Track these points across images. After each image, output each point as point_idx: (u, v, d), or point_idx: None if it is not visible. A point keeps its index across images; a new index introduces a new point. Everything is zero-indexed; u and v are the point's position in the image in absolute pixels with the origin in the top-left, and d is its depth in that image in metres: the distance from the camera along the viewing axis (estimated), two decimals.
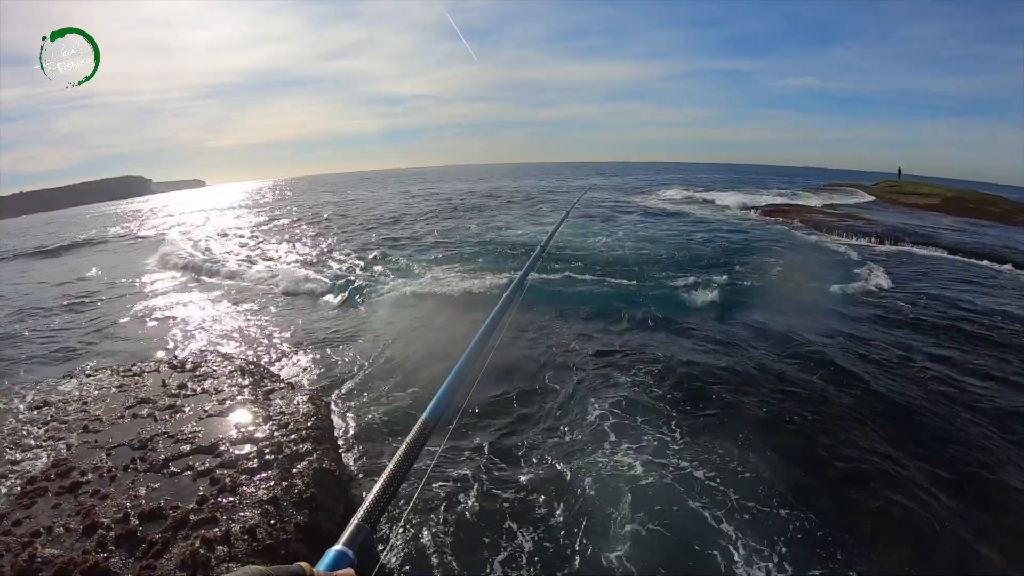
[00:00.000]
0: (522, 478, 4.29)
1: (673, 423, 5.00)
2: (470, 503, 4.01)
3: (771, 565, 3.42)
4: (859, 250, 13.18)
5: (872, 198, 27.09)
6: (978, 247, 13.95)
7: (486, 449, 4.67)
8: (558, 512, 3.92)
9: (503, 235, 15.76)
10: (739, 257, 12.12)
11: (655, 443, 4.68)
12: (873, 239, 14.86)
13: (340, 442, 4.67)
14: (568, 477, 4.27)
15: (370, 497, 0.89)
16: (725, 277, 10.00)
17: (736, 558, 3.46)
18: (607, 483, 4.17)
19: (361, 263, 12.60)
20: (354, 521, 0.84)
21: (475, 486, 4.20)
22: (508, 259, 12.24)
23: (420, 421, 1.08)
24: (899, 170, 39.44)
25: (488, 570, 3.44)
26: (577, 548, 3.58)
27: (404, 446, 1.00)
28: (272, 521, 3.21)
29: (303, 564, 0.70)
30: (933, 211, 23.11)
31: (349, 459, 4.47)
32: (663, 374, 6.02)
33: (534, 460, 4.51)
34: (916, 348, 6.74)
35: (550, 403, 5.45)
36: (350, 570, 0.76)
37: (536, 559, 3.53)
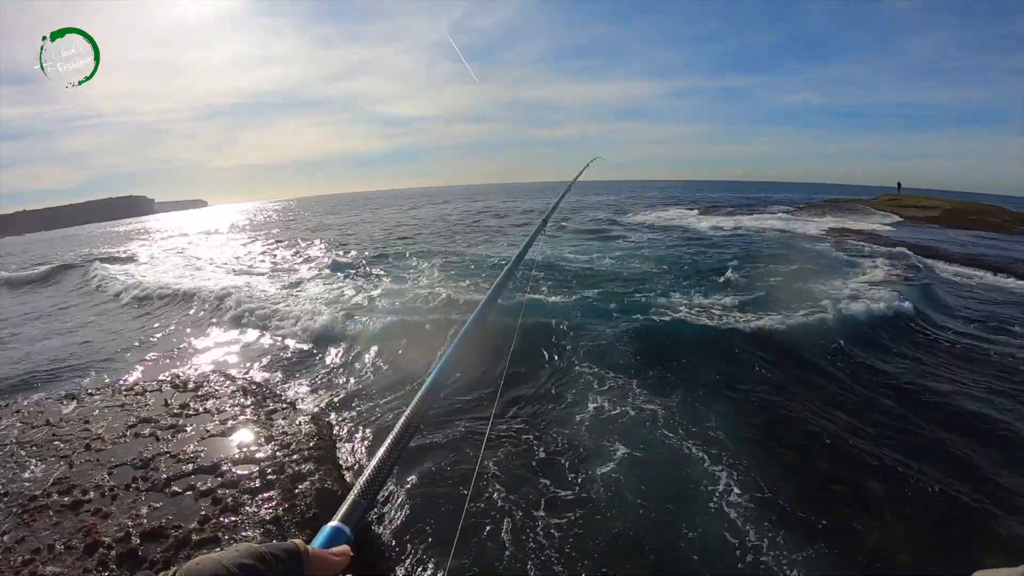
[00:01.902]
0: (520, 440, 4.48)
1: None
2: (467, 474, 4.06)
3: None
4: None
5: (899, 218, 24.96)
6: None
7: (483, 420, 4.80)
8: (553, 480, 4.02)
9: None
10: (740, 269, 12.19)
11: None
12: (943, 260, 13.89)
13: (343, 462, 4.66)
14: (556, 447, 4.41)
15: (367, 471, 0.84)
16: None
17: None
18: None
19: (362, 282, 12.68)
20: (350, 496, 0.80)
21: (472, 456, 4.28)
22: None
23: (420, 393, 1.02)
24: (899, 184, 40.22)
25: (482, 538, 3.46)
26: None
27: (403, 419, 0.95)
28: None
29: (297, 541, 0.70)
30: (934, 223, 22.94)
31: (352, 479, 4.46)
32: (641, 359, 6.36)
33: (528, 427, 4.71)
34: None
35: (544, 378, 5.76)
36: (345, 547, 0.73)
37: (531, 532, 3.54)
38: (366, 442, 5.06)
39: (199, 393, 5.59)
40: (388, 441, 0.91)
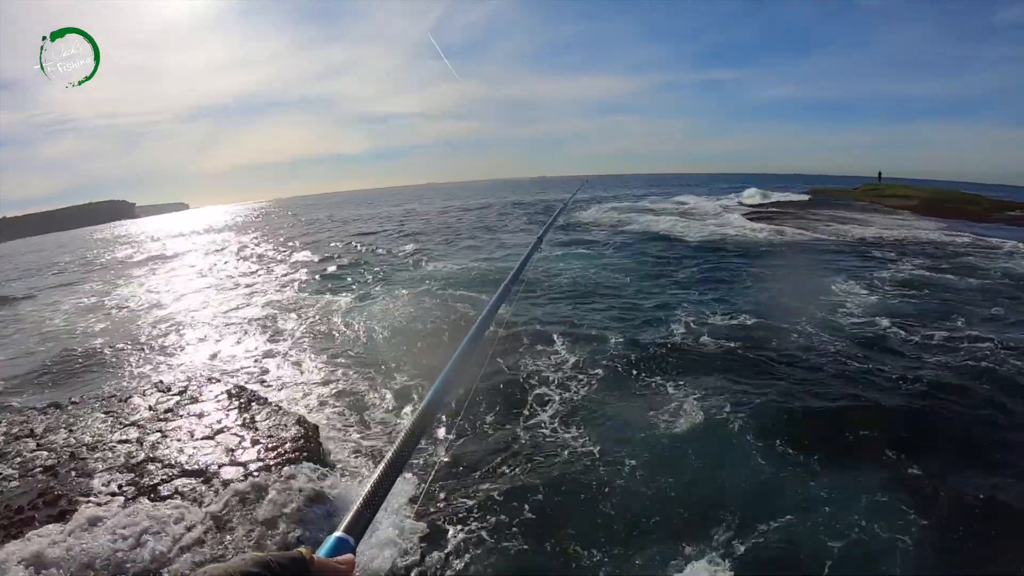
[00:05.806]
0: (527, 454, 4.55)
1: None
2: (471, 490, 4.11)
3: None
4: None
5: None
6: None
7: (485, 435, 4.84)
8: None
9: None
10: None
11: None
12: None
13: (330, 464, 4.68)
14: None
15: (371, 483, 0.86)
16: None
17: None
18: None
19: (350, 278, 12.61)
20: (355, 507, 0.82)
21: (476, 471, 4.34)
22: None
23: (422, 406, 1.05)
24: (879, 173, 40.18)
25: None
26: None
27: (405, 432, 0.97)
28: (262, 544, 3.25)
29: (302, 550, 0.71)
30: (914, 212, 22.28)
31: (339, 481, 4.49)
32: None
33: (534, 440, 4.80)
34: None
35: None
36: (351, 556, 0.75)
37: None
38: (353, 442, 5.09)
39: (184, 397, 5.57)
40: (392, 451, 0.93)
